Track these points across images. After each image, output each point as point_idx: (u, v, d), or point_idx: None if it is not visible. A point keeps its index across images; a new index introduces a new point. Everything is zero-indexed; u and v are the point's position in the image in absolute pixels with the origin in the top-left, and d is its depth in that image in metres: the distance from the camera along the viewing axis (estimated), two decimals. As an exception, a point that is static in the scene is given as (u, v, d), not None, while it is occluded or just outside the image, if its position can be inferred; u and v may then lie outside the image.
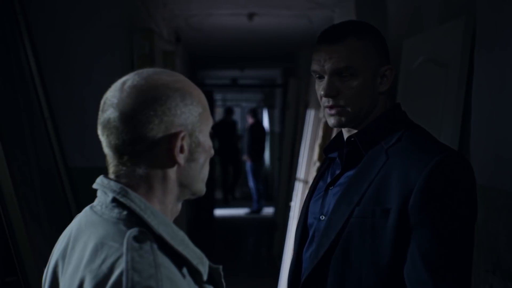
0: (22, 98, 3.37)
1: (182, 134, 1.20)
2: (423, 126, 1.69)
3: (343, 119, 1.65)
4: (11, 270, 2.52)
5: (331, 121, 1.68)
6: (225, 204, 11.49)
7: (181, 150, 1.21)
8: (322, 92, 1.65)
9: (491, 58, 2.18)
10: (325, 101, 1.66)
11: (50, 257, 1.32)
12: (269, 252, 7.95)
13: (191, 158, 1.24)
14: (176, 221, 1.29)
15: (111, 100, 1.21)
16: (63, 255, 1.25)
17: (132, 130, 1.18)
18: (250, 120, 11.56)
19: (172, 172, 1.23)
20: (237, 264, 7.58)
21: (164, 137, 1.19)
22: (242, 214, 11.02)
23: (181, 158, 1.21)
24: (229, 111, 12.23)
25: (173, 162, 1.21)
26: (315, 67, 1.67)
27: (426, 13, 3.00)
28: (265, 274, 6.98)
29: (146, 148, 1.19)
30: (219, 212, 10.83)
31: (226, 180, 11.89)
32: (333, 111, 1.65)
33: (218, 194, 11.99)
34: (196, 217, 9.17)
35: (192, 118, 1.23)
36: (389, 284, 1.55)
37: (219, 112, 15.09)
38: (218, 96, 15.04)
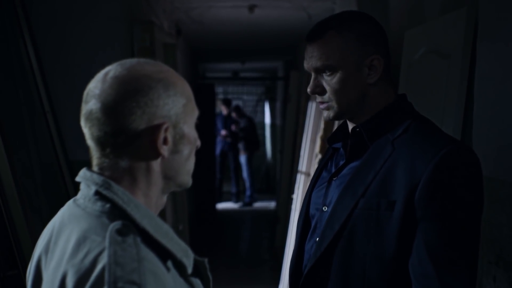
0: (23, 92, 3.37)
1: (165, 126, 1.18)
2: (426, 116, 1.68)
3: (331, 113, 1.67)
4: (12, 264, 2.52)
5: (324, 115, 1.70)
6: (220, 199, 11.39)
7: (165, 141, 1.20)
8: (308, 89, 1.68)
9: (493, 48, 2.16)
10: (317, 97, 1.70)
11: (33, 251, 1.30)
12: (271, 244, 7.95)
13: (175, 150, 1.22)
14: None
15: (94, 91, 1.19)
16: (46, 249, 1.24)
17: (114, 122, 1.16)
18: (224, 111, 11.30)
19: (156, 165, 1.21)
20: (240, 257, 7.59)
21: (146, 129, 1.17)
22: (236, 207, 11.02)
23: (164, 150, 1.20)
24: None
25: (156, 154, 1.19)
26: (304, 65, 1.71)
27: (428, 3, 2.99)
28: (267, 266, 6.99)
29: (128, 140, 1.17)
30: (220, 205, 10.84)
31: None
32: (322, 106, 1.68)
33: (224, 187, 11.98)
34: (198, 210, 9.17)
35: (176, 109, 1.21)
36: (393, 277, 1.55)
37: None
38: (219, 89, 15.01)
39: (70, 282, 1.08)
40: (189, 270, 1.20)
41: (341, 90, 1.63)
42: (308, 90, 1.68)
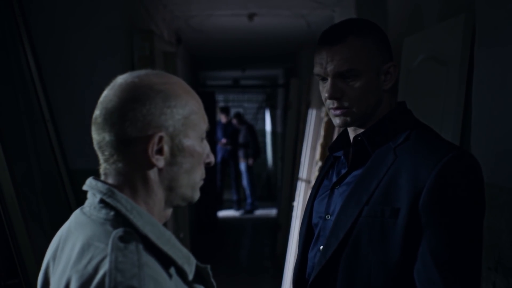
0: (23, 101, 3.37)
1: (158, 135, 1.20)
2: (426, 124, 1.68)
3: (348, 119, 1.65)
4: (12, 272, 2.52)
5: (337, 121, 1.67)
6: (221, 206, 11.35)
7: (161, 152, 1.21)
8: (326, 95, 1.64)
9: (491, 55, 2.17)
10: (329, 103, 1.66)
11: (44, 259, 1.33)
12: (273, 252, 7.94)
13: (173, 162, 1.23)
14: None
15: (103, 98, 1.23)
16: (54, 256, 1.27)
17: (110, 127, 1.19)
18: (223, 119, 11.33)
19: (153, 174, 1.22)
20: (241, 264, 7.58)
21: (140, 137, 1.19)
22: (237, 215, 11.02)
23: (157, 159, 1.21)
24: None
25: (149, 163, 1.21)
26: (317, 70, 1.66)
27: (426, 10, 3.00)
28: (269, 274, 6.98)
29: (123, 146, 1.19)
30: (221, 213, 10.83)
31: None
32: (338, 112, 1.65)
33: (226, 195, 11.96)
34: (199, 218, 9.16)
35: (174, 120, 1.22)
36: (398, 284, 1.54)
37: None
38: (220, 97, 15.02)
39: None
40: (190, 276, 1.21)
41: (364, 95, 1.62)
42: (326, 94, 1.64)
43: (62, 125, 3.48)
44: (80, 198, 3.39)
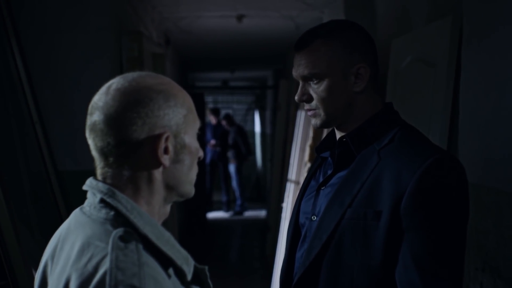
0: (11, 103, 3.36)
1: (165, 135, 1.22)
2: (412, 125, 1.68)
3: (318, 121, 1.68)
4: (0, 274, 2.51)
5: (312, 122, 1.71)
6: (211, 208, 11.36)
7: (166, 151, 1.23)
8: (296, 97, 1.70)
9: (478, 56, 2.18)
10: (305, 105, 1.71)
11: (41, 258, 1.33)
12: (262, 253, 7.95)
13: (176, 160, 1.26)
14: (168, 224, 1.29)
15: (97, 103, 1.23)
16: (52, 255, 1.27)
17: (116, 132, 1.19)
18: (213, 120, 11.36)
19: (158, 173, 1.24)
20: (230, 266, 7.58)
21: (147, 138, 1.20)
22: (227, 216, 11.02)
23: (165, 159, 1.23)
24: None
25: (157, 163, 1.22)
26: (292, 73, 1.72)
27: (414, 12, 3.01)
28: (258, 275, 6.98)
29: (130, 149, 1.20)
30: (211, 214, 10.82)
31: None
32: (310, 113, 1.70)
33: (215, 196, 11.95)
34: (188, 220, 9.15)
35: (177, 119, 1.24)
36: (380, 285, 1.55)
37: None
38: (209, 99, 15.01)
39: (73, 286, 1.12)
40: (189, 277, 1.23)
41: (328, 98, 1.64)
42: (296, 98, 1.69)
43: (51, 127, 3.48)
44: (69, 199, 3.38)
